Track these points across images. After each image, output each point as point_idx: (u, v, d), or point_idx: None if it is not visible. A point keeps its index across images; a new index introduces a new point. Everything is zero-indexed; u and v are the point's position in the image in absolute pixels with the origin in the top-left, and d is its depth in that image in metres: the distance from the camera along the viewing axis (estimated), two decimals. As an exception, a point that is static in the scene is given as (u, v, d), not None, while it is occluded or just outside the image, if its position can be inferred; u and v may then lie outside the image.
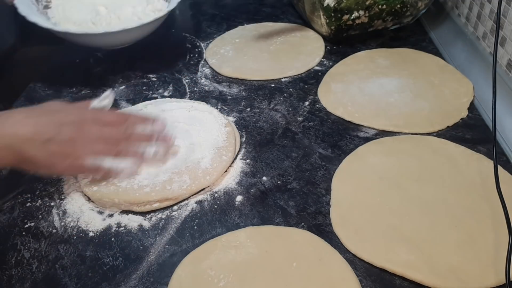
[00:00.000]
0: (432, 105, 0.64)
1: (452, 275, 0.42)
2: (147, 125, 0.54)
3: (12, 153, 0.46)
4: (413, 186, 0.52)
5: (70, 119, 0.49)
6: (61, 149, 0.48)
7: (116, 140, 0.51)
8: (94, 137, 0.50)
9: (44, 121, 0.48)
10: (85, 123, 0.50)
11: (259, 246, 0.46)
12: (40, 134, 0.47)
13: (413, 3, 0.79)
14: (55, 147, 0.47)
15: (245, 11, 1.00)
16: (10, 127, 0.46)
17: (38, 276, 0.46)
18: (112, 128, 0.52)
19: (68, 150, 0.48)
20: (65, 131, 0.48)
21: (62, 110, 0.51)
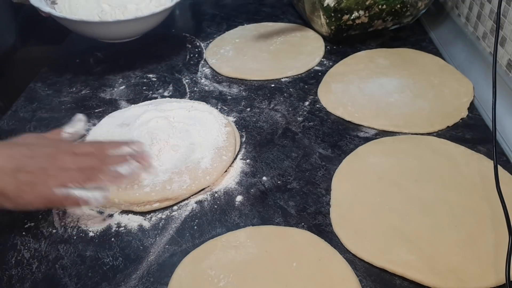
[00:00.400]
0: (432, 105, 0.64)
1: (452, 275, 0.42)
2: (123, 148, 0.52)
3: None
4: (413, 186, 0.52)
5: (44, 150, 0.48)
6: (30, 179, 0.45)
7: (91, 166, 0.49)
8: (67, 166, 0.48)
9: (16, 152, 0.47)
10: (59, 153, 0.49)
11: (259, 246, 0.46)
12: (10, 163, 0.45)
13: (413, 3, 0.79)
14: (24, 175, 0.45)
15: (245, 11, 1.00)
16: None
17: (38, 276, 0.46)
18: (87, 157, 0.50)
19: (38, 180, 0.46)
20: (37, 160, 0.47)
21: (36, 143, 0.50)
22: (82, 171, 0.48)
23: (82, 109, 0.71)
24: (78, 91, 0.75)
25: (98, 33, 0.79)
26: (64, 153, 0.49)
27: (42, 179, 0.46)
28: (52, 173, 0.46)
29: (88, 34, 0.79)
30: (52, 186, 0.46)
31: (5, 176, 0.45)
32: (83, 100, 0.73)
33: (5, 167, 0.45)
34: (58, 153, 0.49)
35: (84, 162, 0.49)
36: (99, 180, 0.48)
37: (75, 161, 0.48)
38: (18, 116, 0.70)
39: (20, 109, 0.72)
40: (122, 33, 0.80)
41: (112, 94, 0.74)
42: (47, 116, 0.70)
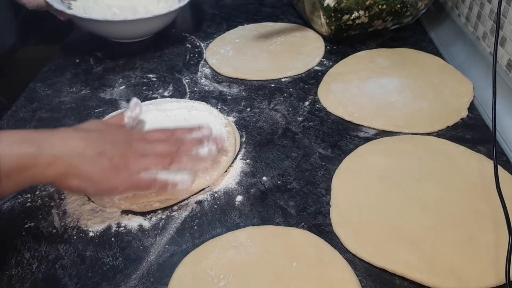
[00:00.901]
0: (432, 105, 0.64)
1: (452, 275, 0.42)
2: (193, 133, 0.52)
3: (61, 164, 0.43)
4: (413, 186, 0.52)
5: (119, 136, 0.49)
6: (113, 164, 0.46)
7: (167, 152, 0.49)
8: (144, 152, 0.48)
9: (94, 136, 0.47)
10: (133, 140, 0.49)
11: (259, 246, 0.46)
12: (91, 148, 0.45)
13: (413, 3, 0.79)
14: (106, 161, 0.45)
15: (245, 11, 1.00)
16: (60, 140, 0.45)
17: (38, 276, 0.46)
18: (161, 142, 0.50)
19: (120, 164, 0.46)
20: (116, 146, 0.47)
21: (108, 129, 0.50)
22: (162, 155, 0.48)
23: (82, 109, 0.71)
24: (78, 91, 0.75)
25: (115, 32, 0.84)
26: (138, 140, 0.49)
27: (124, 164, 0.46)
28: (132, 159, 0.47)
29: (105, 33, 0.85)
30: (136, 172, 0.46)
31: (88, 161, 0.44)
32: (83, 100, 0.73)
33: (88, 152, 0.45)
34: (133, 139, 0.49)
35: (160, 148, 0.49)
36: (181, 163, 0.48)
37: (151, 147, 0.49)
38: (18, 116, 0.70)
39: (20, 109, 0.71)
40: (136, 32, 0.85)
41: (112, 94, 0.74)
42: (47, 116, 0.70)
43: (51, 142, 0.44)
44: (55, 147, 0.44)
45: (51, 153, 0.43)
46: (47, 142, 0.44)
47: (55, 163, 0.43)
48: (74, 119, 0.68)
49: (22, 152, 0.41)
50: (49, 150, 0.43)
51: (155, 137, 0.51)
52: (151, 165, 0.47)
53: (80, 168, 0.44)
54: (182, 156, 0.49)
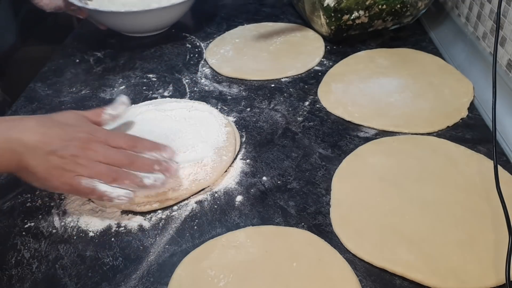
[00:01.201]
0: (432, 105, 0.64)
1: (452, 275, 0.42)
2: (155, 152, 0.52)
3: (14, 158, 0.46)
4: (413, 186, 0.52)
5: (79, 135, 0.49)
6: (61, 164, 0.47)
7: (119, 164, 0.49)
8: (97, 158, 0.48)
9: (53, 133, 0.48)
10: (92, 142, 0.49)
11: (259, 246, 0.46)
12: (45, 145, 0.46)
13: (413, 3, 0.79)
14: (56, 160, 0.46)
15: (245, 11, 1.00)
16: (17, 133, 0.46)
17: (38, 276, 0.46)
18: (118, 151, 0.50)
19: (68, 166, 0.47)
20: (70, 147, 0.47)
21: (73, 124, 0.50)
22: (110, 168, 0.49)
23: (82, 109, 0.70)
24: (78, 91, 0.75)
25: (135, 24, 0.87)
26: (97, 142, 0.49)
27: (71, 167, 0.47)
28: (82, 163, 0.47)
29: (126, 26, 0.88)
30: (79, 177, 0.47)
31: (39, 157, 0.46)
32: (83, 100, 0.73)
33: (40, 149, 0.46)
34: (92, 141, 0.49)
35: (113, 157, 0.49)
36: (123, 184, 0.48)
37: (106, 154, 0.49)
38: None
39: (20, 109, 0.71)
40: (156, 22, 0.88)
41: (112, 94, 0.74)
42: (47, 116, 0.69)
43: (8, 133, 0.46)
44: (13, 140, 0.46)
45: (4, 146, 0.45)
46: (6, 133, 0.46)
47: (10, 155, 0.46)
48: (74, 119, 0.68)
49: None
50: (3, 143, 0.45)
51: (117, 142, 0.51)
52: (95, 175, 0.48)
53: (29, 164, 0.46)
54: (124, 178, 0.49)
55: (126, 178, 0.49)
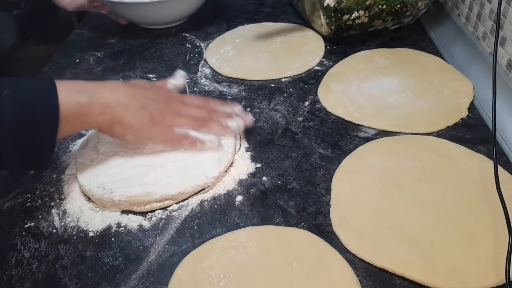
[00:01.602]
0: (432, 105, 0.64)
1: (452, 275, 0.42)
2: (225, 106, 0.59)
3: (109, 113, 0.50)
4: (413, 186, 0.52)
5: (160, 95, 0.55)
6: (152, 117, 0.52)
7: (200, 117, 0.56)
8: (180, 112, 0.55)
9: (139, 92, 0.53)
10: (172, 101, 0.56)
11: (259, 246, 0.46)
12: (135, 101, 0.52)
13: (413, 3, 0.79)
14: (146, 114, 0.52)
15: (245, 11, 1.00)
16: (109, 92, 0.51)
17: (38, 276, 0.46)
18: (196, 108, 0.57)
19: (158, 119, 0.53)
20: (157, 103, 0.54)
21: (152, 88, 0.57)
22: (195, 118, 0.55)
23: (82, 109, 0.70)
24: (78, 91, 0.75)
25: (159, 14, 0.90)
26: (176, 101, 0.56)
27: (161, 119, 0.53)
28: (169, 116, 0.54)
29: (149, 17, 0.91)
30: (171, 127, 0.54)
31: (132, 112, 0.52)
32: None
33: (132, 104, 0.52)
34: (172, 100, 0.56)
35: (194, 112, 0.56)
36: (211, 128, 0.56)
37: (187, 109, 0.56)
38: (18, 116, 0.70)
39: (20, 109, 0.71)
40: (178, 12, 0.92)
41: (112, 94, 0.74)
42: (47, 116, 0.69)
43: (102, 93, 0.51)
44: (105, 98, 0.50)
45: (101, 102, 0.50)
46: (99, 93, 0.50)
47: (104, 112, 0.50)
48: (74, 119, 0.68)
49: (78, 101, 0.48)
50: (100, 100, 0.50)
51: (192, 101, 0.58)
52: (184, 124, 0.54)
53: (124, 118, 0.51)
54: (212, 123, 0.56)
55: (212, 122, 0.56)
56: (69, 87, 0.49)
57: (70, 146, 0.63)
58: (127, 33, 0.93)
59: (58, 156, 0.61)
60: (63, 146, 0.63)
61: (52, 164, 0.59)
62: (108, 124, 0.51)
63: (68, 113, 0.47)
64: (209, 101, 0.60)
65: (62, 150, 0.62)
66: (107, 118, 0.51)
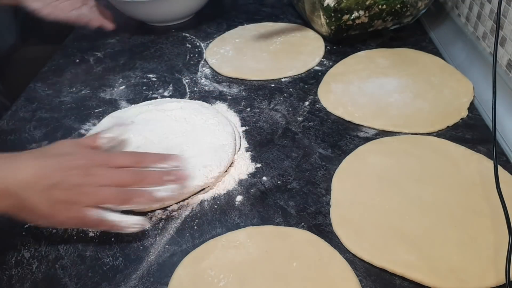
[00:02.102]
0: (432, 105, 0.64)
1: (452, 275, 0.42)
2: (161, 163, 0.49)
3: (11, 198, 0.42)
4: (413, 186, 0.52)
5: (78, 163, 0.45)
6: (65, 197, 0.44)
7: (127, 183, 0.47)
8: (102, 182, 0.45)
9: (50, 165, 0.44)
10: (93, 166, 0.46)
11: (259, 246, 0.46)
12: (43, 179, 0.43)
13: (413, 3, 0.79)
14: (58, 194, 0.43)
15: (245, 11, 1.00)
16: (12, 171, 0.43)
17: (38, 276, 0.46)
18: (123, 171, 0.47)
19: (72, 198, 0.44)
20: (71, 176, 0.44)
21: (70, 153, 0.47)
22: (118, 189, 0.46)
23: (82, 109, 0.71)
24: (78, 91, 0.75)
25: (165, 10, 0.90)
26: (99, 166, 0.46)
27: (76, 198, 0.44)
28: (86, 191, 0.45)
29: (156, 14, 0.92)
30: (87, 209, 0.45)
31: (40, 194, 0.43)
32: (83, 100, 0.73)
33: (39, 184, 0.43)
34: (93, 166, 0.46)
35: (120, 177, 0.46)
36: (136, 203, 0.46)
37: (111, 176, 0.46)
38: (18, 116, 0.70)
39: (20, 109, 0.72)
40: (174, 10, 0.92)
41: (112, 94, 0.74)
42: (47, 116, 0.70)
43: (1, 172, 0.43)
44: (6, 178, 0.42)
45: (0, 186, 0.42)
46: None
47: (5, 196, 0.42)
48: (74, 119, 0.68)
49: None
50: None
51: (119, 163, 0.48)
52: (102, 200, 0.45)
53: (29, 202, 0.43)
54: (135, 197, 0.46)
55: (137, 196, 0.46)
56: None
57: (70, 146, 0.63)
58: (127, 33, 0.93)
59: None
60: (63, 146, 0.62)
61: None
62: (12, 209, 0.43)
63: None
64: (139, 160, 0.49)
65: (62, 150, 0.62)
66: (10, 203, 0.42)
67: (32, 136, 0.65)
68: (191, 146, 0.57)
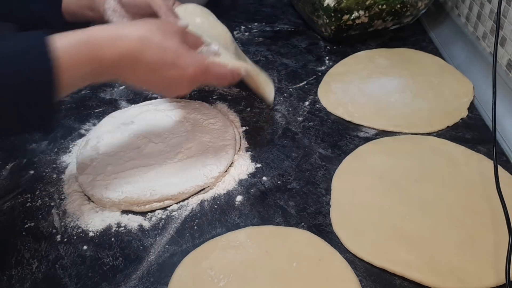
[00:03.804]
0: (432, 105, 0.64)
1: (452, 275, 0.42)
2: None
3: (125, 44, 0.43)
4: (413, 186, 0.52)
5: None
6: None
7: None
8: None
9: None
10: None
11: (259, 246, 0.46)
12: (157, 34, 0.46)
13: (413, 3, 0.79)
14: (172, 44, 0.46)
15: (245, 11, 1.00)
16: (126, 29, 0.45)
17: (38, 276, 0.46)
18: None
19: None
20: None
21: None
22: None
23: (82, 109, 0.70)
24: (78, 91, 0.75)
25: None
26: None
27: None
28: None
29: None
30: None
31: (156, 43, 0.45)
32: (83, 100, 0.73)
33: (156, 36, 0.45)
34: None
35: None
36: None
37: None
38: (18, 116, 0.70)
39: (20, 109, 0.71)
40: None
41: (112, 94, 0.74)
42: (47, 116, 0.69)
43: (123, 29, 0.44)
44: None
45: (110, 34, 0.43)
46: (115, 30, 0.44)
47: (118, 44, 0.43)
48: (74, 119, 0.68)
49: (77, 38, 0.41)
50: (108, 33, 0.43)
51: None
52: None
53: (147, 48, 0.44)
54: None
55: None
56: (65, 33, 0.41)
57: (70, 146, 0.63)
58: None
59: (58, 156, 0.61)
60: (63, 146, 0.62)
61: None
62: (127, 62, 0.43)
63: (67, 52, 0.39)
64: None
65: (62, 150, 0.62)
66: (124, 51, 0.42)
67: (32, 136, 0.65)
68: (191, 146, 0.57)
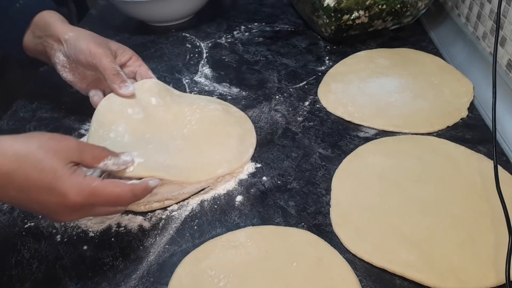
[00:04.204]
0: (432, 105, 0.64)
1: (452, 275, 0.42)
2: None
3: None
4: (413, 186, 0.52)
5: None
6: None
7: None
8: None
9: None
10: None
11: (259, 246, 0.46)
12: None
13: (413, 3, 0.79)
14: None
15: (245, 11, 1.00)
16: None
17: (38, 276, 0.46)
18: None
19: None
20: None
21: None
22: None
23: (82, 109, 0.70)
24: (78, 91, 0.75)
25: (152, 12, 0.91)
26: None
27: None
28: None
29: (158, 13, 0.91)
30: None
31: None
32: (83, 100, 0.73)
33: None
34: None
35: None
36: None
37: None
38: (18, 116, 0.70)
39: (20, 109, 0.71)
40: (177, 10, 0.92)
41: (112, 94, 0.74)
42: (47, 116, 0.70)
43: None
44: None
45: None
46: None
47: None
48: (74, 119, 0.68)
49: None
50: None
51: None
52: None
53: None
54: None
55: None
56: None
57: (70, 146, 0.62)
58: (127, 33, 0.93)
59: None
60: (63, 146, 0.62)
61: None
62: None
63: None
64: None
65: (62, 150, 0.62)
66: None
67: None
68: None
